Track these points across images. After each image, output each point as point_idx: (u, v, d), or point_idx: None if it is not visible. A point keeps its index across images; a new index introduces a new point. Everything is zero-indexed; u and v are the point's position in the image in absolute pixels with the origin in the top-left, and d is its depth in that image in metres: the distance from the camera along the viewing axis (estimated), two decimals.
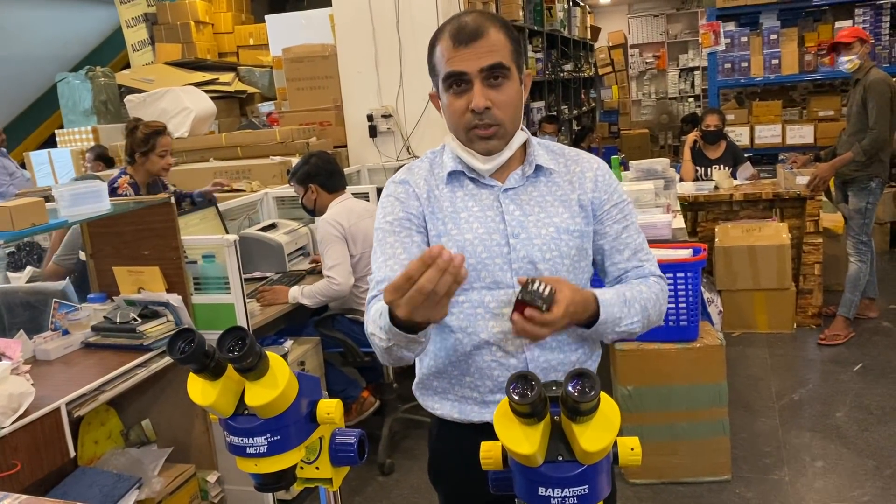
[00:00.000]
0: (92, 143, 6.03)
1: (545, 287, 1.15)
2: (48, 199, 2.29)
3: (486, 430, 1.04)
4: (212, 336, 0.95)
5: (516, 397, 0.86)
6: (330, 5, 5.07)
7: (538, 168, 1.38)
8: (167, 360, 2.41)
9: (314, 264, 3.70)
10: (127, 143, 3.66)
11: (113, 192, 3.62)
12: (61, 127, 6.94)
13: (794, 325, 4.56)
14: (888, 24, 6.14)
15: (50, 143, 7.50)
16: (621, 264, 1.40)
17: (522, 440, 0.88)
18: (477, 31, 1.27)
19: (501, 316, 1.32)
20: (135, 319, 2.47)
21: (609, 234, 1.40)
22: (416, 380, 1.48)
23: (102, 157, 5.42)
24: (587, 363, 1.40)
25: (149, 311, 2.51)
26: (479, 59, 1.26)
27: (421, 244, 1.36)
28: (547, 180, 1.38)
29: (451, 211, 1.36)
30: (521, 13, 6.62)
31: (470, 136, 1.32)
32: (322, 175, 3.36)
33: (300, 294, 3.17)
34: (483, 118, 1.28)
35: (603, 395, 0.88)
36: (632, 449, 0.94)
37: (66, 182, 5.12)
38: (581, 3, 10.12)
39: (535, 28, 7.41)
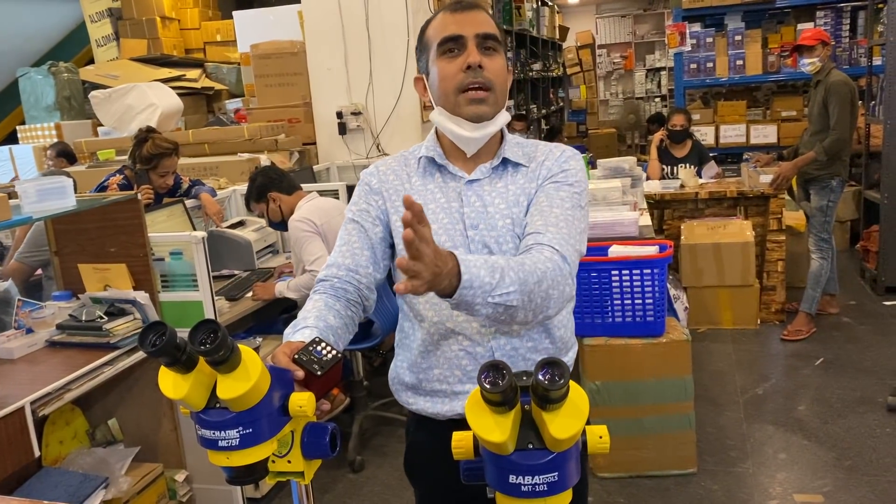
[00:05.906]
0: (55, 140, 5.92)
1: (328, 351, 1.10)
2: (11, 195, 2.25)
3: (461, 426, 1.04)
4: (179, 334, 0.95)
5: (488, 386, 0.88)
6: (298, 1, 5.05)
7: (505, 161, 1.39)
8: (134, 358, 2.39)
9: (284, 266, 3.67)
10: (132, 151, 3.65)
11: (102, 189, 3.59)
12: (23, 123, 6.81)
13: (758, 321, 4.65)
14: (848, 27, 6.29)
15: (11, 139, 7.35)
16: (528, 227, 1.30)
17: (493, 428, 0.89)
18: (473, 4, 1.36)
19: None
20: (101, 317, 2.43)
21: (535, 202, 1.33)
22: (390, 374, 1.49)
23: (65, 154, 5.33)
24: (560, 356, 1.38)
25: (115, 309, 2.48)
26: (475, 25, 1.33)
27: (377, 237, 1.40)
28: (514, 172, 1.39)
29: (421, 203, 1.36)
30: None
31: (459, 100, 1.32)
32: (275, 181, 3.37)
33: (286, 288, 3.16)
34: (477, 76, 1.31)
35: (572, 383, 0.89)
36: (600, 437, 0.95)
37: (30, 178, 5.03)
38: (550, 3, 10.18)
39: (505, 27, 7.45)
